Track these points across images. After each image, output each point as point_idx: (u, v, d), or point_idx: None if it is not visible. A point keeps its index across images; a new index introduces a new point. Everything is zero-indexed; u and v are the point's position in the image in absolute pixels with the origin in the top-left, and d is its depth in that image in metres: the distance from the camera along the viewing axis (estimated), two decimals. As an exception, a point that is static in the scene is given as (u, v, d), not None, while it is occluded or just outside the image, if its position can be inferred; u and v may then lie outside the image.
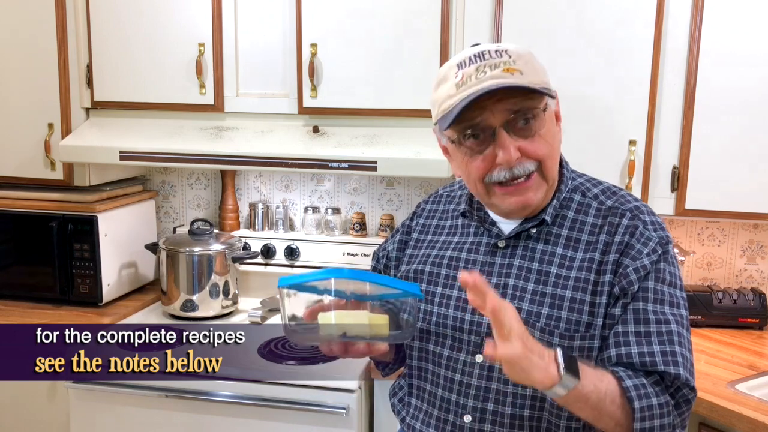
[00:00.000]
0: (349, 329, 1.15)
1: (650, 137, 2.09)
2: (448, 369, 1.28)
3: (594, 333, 1.20)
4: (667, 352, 1.16)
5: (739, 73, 2.04)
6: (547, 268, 1.24)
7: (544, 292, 1.23)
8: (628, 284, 1.19)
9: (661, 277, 1.21)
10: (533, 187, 1.22)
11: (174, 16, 2.31)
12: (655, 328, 1.17)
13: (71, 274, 2.46)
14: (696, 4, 2.03)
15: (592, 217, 1.26)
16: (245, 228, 2.74)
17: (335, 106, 2.24)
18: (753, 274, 2.46)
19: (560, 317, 1.21)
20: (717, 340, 2.19)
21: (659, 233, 1.23)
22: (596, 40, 2.08)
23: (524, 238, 1.28)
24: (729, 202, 2.10)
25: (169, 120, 2.38)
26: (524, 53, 1.21)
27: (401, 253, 1.45)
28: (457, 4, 2.14)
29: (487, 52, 1.19)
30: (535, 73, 1.20)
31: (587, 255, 1.23)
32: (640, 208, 1.27)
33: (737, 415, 1.69)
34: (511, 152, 1.18)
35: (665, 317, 1.18)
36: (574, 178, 1.33)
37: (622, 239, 1.22)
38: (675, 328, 1.18)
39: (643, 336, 1.17)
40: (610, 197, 1.29)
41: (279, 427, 2.00)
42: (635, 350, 1.17)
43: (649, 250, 1.21)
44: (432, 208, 1.46)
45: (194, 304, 2.43)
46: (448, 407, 1.28)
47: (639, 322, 1.18)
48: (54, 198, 2.46)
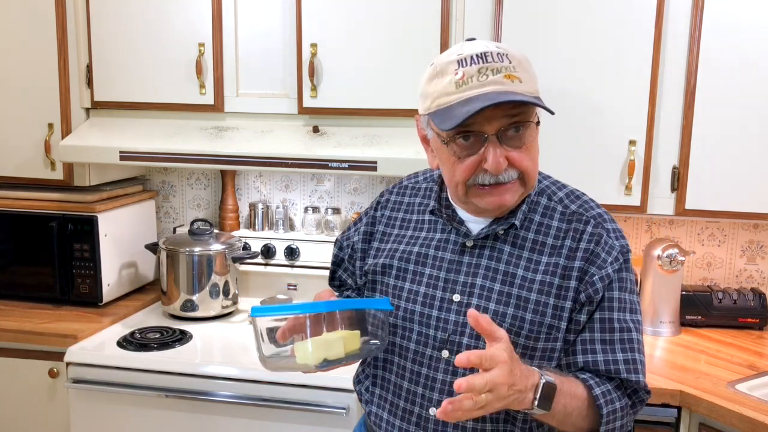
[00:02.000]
0: (327, 355, 1.16)
1: (650, 137, 2.10)
2: (415, 363, 1.31)
3: (557, 336, 1.26)
4: (629, 360, 1.25)
5: (739, 73, 2.04)
6: (514, 270, 1.27)
7: (510, 293, 1.26)
8: (594, 292, 1.25)
9: (623, 285, 1.27)
10: (512, 190, 1.24)
11: (174, 16, 2.31)
12: (618, 336, 1.26)
13: (71, 274, 2.46)
14: (696, 4, 2.03)
15: (556, 221, 1.30)
16: (245, 228, 2.74)
17: (335, 106, 2.24)
18: (753, 274, 2.46)
19: (525, 318, 1.25)
20: (717, 340, 2.20)
21: (620, 242, 1.29)
22: (596, 40, 2.08)
23: (492, 239, 1.30)
24: (729, 202, 2.10)
25: (169, 120, 2.38)
26: (522, 59, 1.21)
27: (366, 245, 1.45)
28: (457, 4, 2.15)
29: (490, 54, 1.18)
30: (532, 81, 1.21)
31: (552, 259, 1.27)
32: (602, 216, 1.30)
33: (737, 415, 1.69)
34: (500, 162, 1.19)
35: (627, 325, 1.26)
36: (540, 181, 1.35)
37: (587, 246, 1.26)
38: (635, 336, 1.27)
39: (608, 344, 1.25)
40: (573, 201, 1.32)
41: (279, 427, 2.00)
42: (601, 358, 1.25)
43: (612, 259, 1.26)
44: (397, 200, 1.46)
45: (194, 304, 2.43)
46: (414, 399, 1.32)
47: (605, 331, 1.26)
48: (54, 198, 2.46)
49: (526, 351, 1.25)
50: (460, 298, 1.28)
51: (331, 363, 1.18)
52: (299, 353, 1.17)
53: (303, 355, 1.16)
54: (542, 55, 2.09)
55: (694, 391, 1.81)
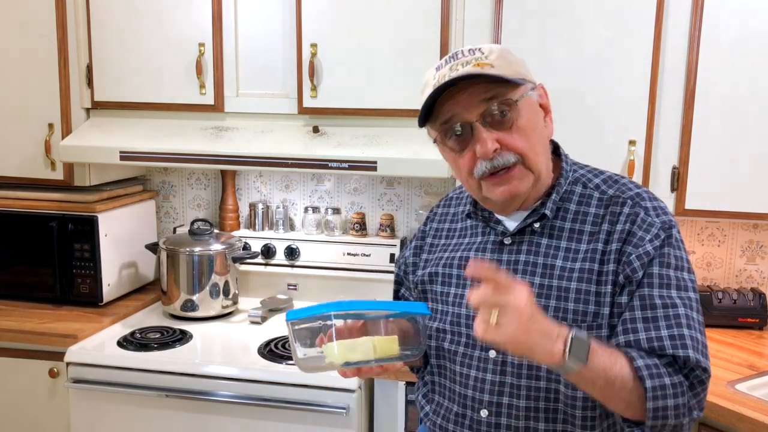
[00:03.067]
0: (351, 357, 1.18)
1: (650, 137, 2.09)
2: (464, 366, 1.31)
3: (601, 322, 1.22)
4: (675, 335, 1.16)
5: (739, 73, 2.04)
6: (552, 262, 1.26)
7: (551, 285, 1.25)
8: (632, 272, 1.21)
9: (665, 261, 1.21)
10: (517, 176, 1.23)
11: (174, 16, 2.31)
12: (662, 312, 1.18)
13: (71, 274, 2.46)
14: (696, 4, 2.03)
15: (594, 207, 1.28)
16: (245, 228, 2.74)
17: (335, 106, 2.24)
18: (753, 274, 2.46)
19: (567, 309, 1.23)
20: (717, 340, 2.19)
21: (662, 218, 1.24)
22: (596, 40, 2.08)
23: (528, 233, 1.30)
24: (729, 202, 2.10)
25: (169, 120, 2.38)
26: (498, 49, 1.22)
27: (417, 258, 1.48)
28: (457, 4, 2.14)
29: (461, 52, 1.23)
30: (509, 65, 1.21)
31: (590, 246, 1.25)
32: (641, 194, 1.27)
33: (737, 415, 1.69)
34: (488, 145, 1.20)
35: (672, 301, 1.19)
36: (575, 170, 1.34)
37: (623, 227, 1.23)
38: (683, 311, 1.18)
39: (650, 321, 1.18)
40: (611, 186, 1.30)
41: (279, 427, 2.00)
42: (643, 336, 1.17)
43: (651, 236, 1.22)
44: (443, 212, 1.49)
45: (194, 304, 2.43)
46: (465, 402, 1.31)
47: (645, 308, 1.19)
48: (54, 198, 2.46)
49: None
50: None
51: (357, 364, 1.20)
52: (327, 352, 1.20)
53: (330, 353, 1.19)
54: (542, 55, 2.09)
55: (694, 391, 1.80)
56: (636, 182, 1.33)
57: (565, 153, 1.36)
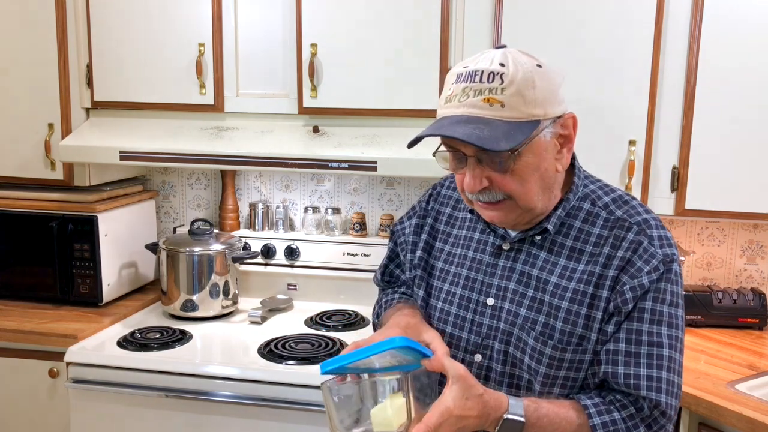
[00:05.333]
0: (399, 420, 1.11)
1: (650, 137, 2.09)
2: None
3: (587, 347, 1.21)
4: (653, 377, 1.16)
5: (739, 74, 2.04)
6: (547, 277, 1.24)
7: (542, 300, 1.23)
8: (622, 303, 1.18)
9: (660, 297, 1.19)
10: (505, 209, 1.20)
11: (174, 16, 2.31)
12: (645, 350, 1.17)
13: (71, 274, 2.46)
14: (696, 4, 2.03)
15: (599, 228, 1.23)
16: (245, 228, 2.74)
17: (335, 106, 2.24)
18: (753, 274, 2.46)
19: (555, 327, 1.21)
20: (717, 340, 2.19)
21: (664, 250, 1.20)
22: (596, 40, 2.08)
23: (528, 243, 1.28)
24: (729, 202, 2.10)
25: (169, 120, 2.38)
26: (521, 79, 1.13)
27: (417, 237, 1.44)
28: (457, 4, 2.14)
29: (482, 72, 1.13)
30: (524, 104, 1.13)
31: (588, 267, 1.21)
32: (648, 221, 1.22)
33: (737, 415, 1.69)
34: (474, 184, 1.17)
35: (659, 339, 1.18)
36: (586, 185, 1.29)
37: (624, 255, 1.19)
38: (666, 352, 1.17)
39: (632, 357, 1.17)
40: (620, 207, 1.25)
41: (279, 427, 2.00)
42: (622, 371, 1.17)
43: (650, 268, 1.18)
44: (448, 194, 1.45)
45: (194, 304, 2.43)
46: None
47: (631, 342, 1.18)
48: (54, 198, 2.46)
49: (552, 362, 1.21)
50: (494, 302, 1.28)
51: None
52: (377, 419, 1.11)
53: (382, 420, 1.10)
54: (542, 55, 2.08)
55: (693, 391, 1.80)
56: (646, 207, 1.27)
57: (579, 165, 1.30)
